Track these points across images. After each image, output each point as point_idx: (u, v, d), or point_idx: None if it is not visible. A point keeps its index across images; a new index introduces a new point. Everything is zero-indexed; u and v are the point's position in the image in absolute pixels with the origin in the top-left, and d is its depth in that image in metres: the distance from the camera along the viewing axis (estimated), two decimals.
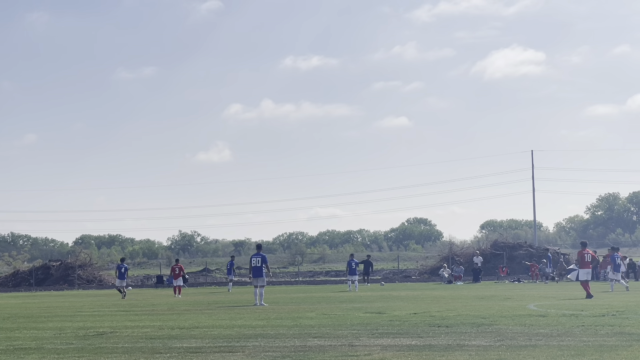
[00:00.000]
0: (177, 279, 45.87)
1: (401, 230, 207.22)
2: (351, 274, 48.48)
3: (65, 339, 17.99)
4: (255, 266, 31.70)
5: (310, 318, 22.89)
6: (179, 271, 46.28)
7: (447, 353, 13.80)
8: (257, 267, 31.64)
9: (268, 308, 28.84)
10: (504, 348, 14.34)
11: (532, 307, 25.71)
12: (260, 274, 31.52)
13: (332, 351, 14.47)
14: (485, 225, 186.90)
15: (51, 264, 77.59)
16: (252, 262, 31.92)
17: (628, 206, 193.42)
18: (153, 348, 15.66)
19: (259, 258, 31.82)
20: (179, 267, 46.70)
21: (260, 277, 31.47)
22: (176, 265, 47.49)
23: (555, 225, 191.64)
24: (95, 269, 77.66)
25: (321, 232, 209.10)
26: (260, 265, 31.66)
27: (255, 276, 31.58)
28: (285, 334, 18.08)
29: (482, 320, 20.62)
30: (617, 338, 15.63)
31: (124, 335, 18.75)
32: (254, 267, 31.74)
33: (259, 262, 31.73)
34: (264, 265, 31.78)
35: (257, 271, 31.60)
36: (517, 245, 75.78)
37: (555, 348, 14.15)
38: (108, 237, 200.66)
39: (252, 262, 31.94)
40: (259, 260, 31.74)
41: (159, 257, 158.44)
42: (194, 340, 17.10)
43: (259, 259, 31.79)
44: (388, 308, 26.84)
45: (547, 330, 17.38)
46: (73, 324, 22.70)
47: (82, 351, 15.41)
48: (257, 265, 31.68)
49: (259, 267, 31.66)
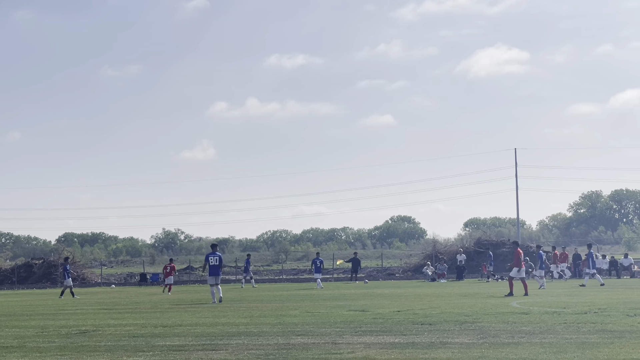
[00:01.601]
0: (168, 277, 47.60)
1: (385, 228, 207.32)
2: (317, 272, 49.40)
3: (48, 338, 17.93)
4: (213, 265, 32.38)
5: (294, 316, 22.89)
6: (171, 270, 48.07)
7: (430, 351, 13.83)
8: (216, 266, 32.39)
9: (251, 305, 28.84)
10: (487, 345, 14.38)
11: (514, 305, 25.79)
12: (218, 272, 32.45)
13: (316, 349, 14.48)
14: (469, 223, 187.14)
15: (34, 262, 77.22)
16: (210, 261, 32.53)
17: (610, 204, 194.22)
18: (136, 346, 15.63)
19: (216, 257, 32.55)
20: (171, 267, 48.53)
21: (218, 275, 32.40)
22: (169, 264, 49.32)
23: (539, 223, 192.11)
24: (78, 267, 77.22)
25: (305, 230, 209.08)
26: (218, 265, 32.47)
27: (214, 274, 32.32)
28: (268, 331, 18.08)
29: (465, 317, 20.67)
30: (599, 335, 15.70)
31: (107, 333, 18.70)
32: (212, 265, 32.38)
33: (217, 261, 32.45)
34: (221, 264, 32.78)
35: (215, 270, 32.35)
36: (501, 243, 75.89)
37: (538, 345, 14.20)
38: (91, 235, 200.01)
39: (210, 261, 32.55)
40: (217, 260, 32.47)
41: (142, 255, 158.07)
42: (177, 338, 17.08)
43: (217, 258, 32.53)
44: (372, 306, 26.87)
45: (530, 328, 17.44)
46: (55, 322, 22.63)
47: (64, 349, 15.36)
48: (216, 264, 32.41)
49: (217, 265, 32.41)
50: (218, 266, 32.46)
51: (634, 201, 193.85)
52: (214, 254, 32.79)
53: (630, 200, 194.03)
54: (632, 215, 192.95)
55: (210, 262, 32.50)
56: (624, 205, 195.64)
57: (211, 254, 32.84)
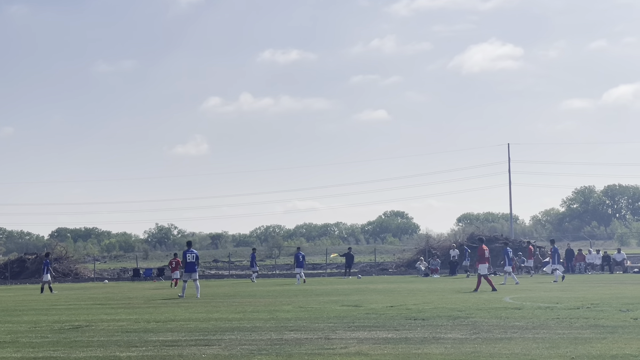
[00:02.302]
0: (174, 272, 48.82)
1: (378, 223, 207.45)
2: (298, 267, 49.57)
3: (41, 333, 17.91)
4: (190, 262, 33.34)
5: (287, 311, 22.89)
6: (176, 265, 49.15)
7: (423, 346, 13.84)
8: (192, 263, 33.36)
9: (244, 301, 28.83)
10: (480, 341, 14.40)
11: (507, 300, 25.82)
12: (195, 269, 33.32)
13: (309, 344, 14.48)
14: (462, 218, 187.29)
15: (27, 257, 77.07)
16: (187, 258, 33.42)
17: (603, 199, 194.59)
18: (129, 341, 15.62)
19: (193, 254, 33.46)
20: (176, 261, 49.64)
21: (194, 272, 33.23)
22: (174, 259, 50.51)
23: (532, 218, 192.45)
24: (71, 262, 77.21)
25: (298, 225, 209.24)
26: (194, 261, 33.41)
27: (190, 271, 33.27)
28: (261, 327, 18.07)
29: (458, 313, 20.70)
30: (591, 330, 15.73)
31: (100, 328, 18.68)
32: (189, 262, 33.33)
33: (193, 258, 33.43)
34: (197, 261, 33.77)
35: (191, 266, 33.30)
36: (494, 238, 75.92)
37: (531, 340, 14.22)
38: (84, 230, 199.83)
39: (187, 258, 33.43)
40: (194, 257, 33.44)
41: (135, 250, 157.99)
42: (170, 333, 17.06)
43: (194, 255, 33.47)
44: (365, 301, 26.88)
45: (523, 323, 17.47)
46: (48, 318, 22.60)
47: (57, 345, 15.35)
48: (192, 261, 33.39)
49: (193, 262, 33.38)
50: (194, 263, 33.40)
51: (626, 196, 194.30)
52: (191, 251, 33.63)
53: (623, 196, 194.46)
54: (624, 211, 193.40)
55: (188, 259, 33.44)
56: (617, 201, 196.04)
57: (188, 251, 33.67)
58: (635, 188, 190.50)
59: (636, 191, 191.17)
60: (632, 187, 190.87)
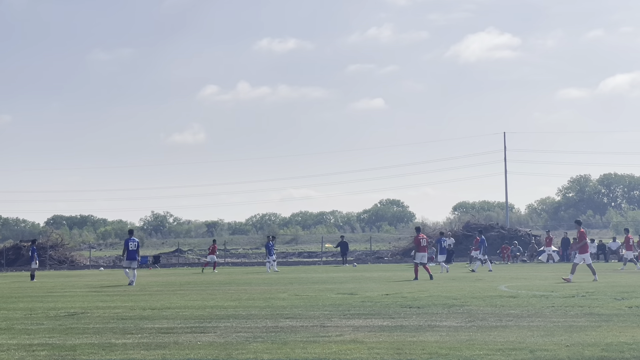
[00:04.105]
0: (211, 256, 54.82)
1: (374, 212, 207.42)
2: (270, 255, 49.97)
3: (36, 320, 17.90)
4: (132, 249, 34.53)
5: (282, 299, 22.91)
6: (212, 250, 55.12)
7: (419, 334, 13.86)
8: (134, 251, 34.60)
9: (240, 289, 28.85)
10: (475, 329, 14.42)
11: (503, 288, 25.86)
12: (136, 257, 34.63)
13: (304, 332, 14.50)
14: (458, 207, 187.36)
15: (22, 244, 77.10)
16: (130, 246, 34.56)
17: (599, 188, 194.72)
18: (124, 328, 15.62)
19: (135, 242, 34.85)
20: (212, 247, 55.25)
21: (135, 259, 34.56)
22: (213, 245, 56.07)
23: (527, 207, 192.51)
24: (67, 249, 77.34)
25: (294, 214, 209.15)
26: (136, 249, 34.72)
27: (132, 259, 34.39)
28: (257, 314, 18.09)
29: (454, 301, 20.72)
30: (586, 319, 15.76)
31: (95, 315, 18.69)
32: (131, 250, 34.49)
33: (135, 246, 34.71)
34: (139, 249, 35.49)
35: (133, 254, 34.51)
36: (489, 227, 76.14)
37: (526, 329, 14.25)
38: (80, 218, 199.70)
39: (130, 245, 34.57)
40: (136, 245, 34.77)
41: None
42: (166, 320, 17.07)
43: (135, 243, 34.82)
44: (360, 289, 26.90)
45: (518, 311, 17.50)
46: (44, 305, 22.60)
47: (52, 332, 15.34)
48: (134, 249, 34.64)
49: (135, 250, 34.66)
50: (136, 251, 34.69)
51: (622, 185, 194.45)
52: (133, 239, 34.93)
53: (618, 185, 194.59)
54: (620, 200, 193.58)
55: (130, 247, 34.55)
56: (613, 190, 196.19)
57: (130, 240, 34.86)
58: (631, 177, 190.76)
59: (632, 180, 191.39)
60: (628, 176, 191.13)
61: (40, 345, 13.42)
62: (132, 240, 34.66)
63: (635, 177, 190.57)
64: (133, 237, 35.20)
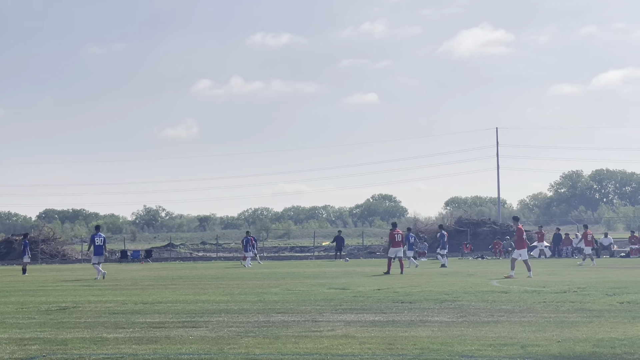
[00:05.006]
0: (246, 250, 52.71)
1: (366, 207, 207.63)
2: (246, 251, 49.88)
3: (28, 314, 17.88)
4: (99, 245, 35.45)
5: (274, 294, 22.90)
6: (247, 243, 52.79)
7: (410, 329, 13.87)
8: (100, 246, 35.50)
9: (232, 283, 28.84)
10: (467, 324, 14.44)
11: (494, 284, 25.89)
12: (102, 252, 35.54)
13: (296, 327, 14.50)
14: (450, 202, 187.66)
15: (14, 238, 76.89)
16: (96, 241, 35.48)
17: (591, 184, 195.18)
18: (116, 323, 15.60)
19: (101, 238, 35.66)
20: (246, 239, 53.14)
21: (102, 254, 35.56)
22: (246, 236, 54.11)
23: (519, 202, 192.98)
24: (58, 243, 77.14)
25: (286, 208, 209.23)
26: (102, 244, 35.55)
27: (98, 254, 35.21)
28: (249, 309, 18.08)
29: (445, 296, 20.74)
30: (577, 314, 15.79)
31: (87, 310, 18.66)
32: (97, 245, 35.39)
33: (101, 242, 35.55)
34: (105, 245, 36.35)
35: (100, 249, 35.39)
36: (481, 222, 76.17)
37: (517, 324, 14.27)
38: (72, 212, 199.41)
39: (96, 241, 35.50)
40: (102, 240, 35.57)
41: (123, 232, 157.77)
42: (157, 315, 17.05)
43: (102, 238, 35.63)
44: (352, 284, 26.91)
45: (509, 307, 17.52)
46: (35, 299, 22.57)
47: (44, 326, 15.32)
48: (101, 244, 35.52)
49: (101, 245, 35.54)
50: (102, 246, 35.55)
51: (614, 181, 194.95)
52: (99, 235, 35.79)
53: (610, 180, 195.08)
54: (612, 195, 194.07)
55: (96, 242, 35.46)
56: (604, 185, 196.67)
57: (96, 235, 35.77)
58: (623, 173, 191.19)
59: (624, 176, 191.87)
60: (620, 171, 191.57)
61: (31, 339, 13.40)
62: (98, 236, 35.47)
63: (627, 173, 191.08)
64: (100, 232, 36.07)
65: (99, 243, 35.35)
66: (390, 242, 36.22)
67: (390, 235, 36.27)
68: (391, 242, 36.00)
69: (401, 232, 37.01)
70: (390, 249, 35.88)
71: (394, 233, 36.04)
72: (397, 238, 35.91)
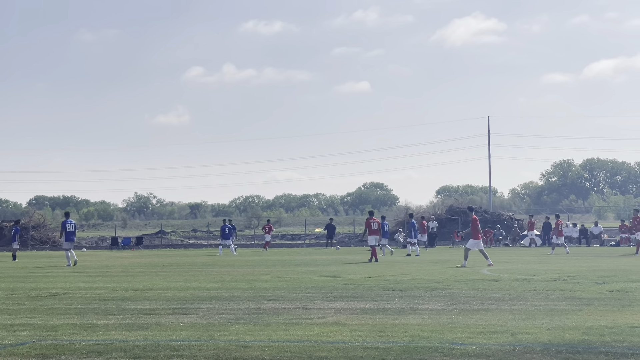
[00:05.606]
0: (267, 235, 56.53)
1: (357, 195, 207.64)
2: (224, 238, 49.99)
3: (18, 300, 17.85)
4: (70, 231, 35.34)
5: (265, 281, 22.92)
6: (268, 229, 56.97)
7: (401, 316, 13.89)
8: (72, 232, 35.46)
9: (223, 270, 28.85)
10: (457, 312, 14.46)
11: (485, 272, 25.94)
12: (73, 238, 35.68)
13: (286, 314, 14.50)
14: (441, 191, 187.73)
15: (4, 224, 76.74)
16: (67, 228, 35.35)
17: (582, 173, 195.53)
18: (106, 309, 15.59)
19: (72, 224, 35.77)
20: (268, 227, 57.05)
21: (73, 241, 35.67)
22: (267, 224, 57.99)
23: (510, 191, 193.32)
24: (49, 230, 77.02)
25: (278, 196, 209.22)
26: (73, 231, 35.58)
27: (69, 240, 35.21)
28: (239, 296, 18.09)
29: (436, 284, 20.78)
30: (567, 302, 15.83)
31: (77, 296, 18.65)
32: (68, 232, 35.27)
33: (73, 228, 35.57)
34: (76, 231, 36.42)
35: (71, 235, 35.38)
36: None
37: (507, 312, 14.30)
38: (62, 198, 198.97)
39: (67, 227, 35.37)
40: (73, 226, 35.63)
41: (114, 219, 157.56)
42: (148, 302, 17.05)
43: (73, 225, 35.72)
44: (343, 272, 26.94)
45: (500, 295, 17.56)
46: (25, 285, 22.54)
47: (34, 312, 15.30)
48: (72, 230, 35.49)
49: (72, 232, 35.53)
50: (73, 232, 35.60)
51: (605, 170, 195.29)
52: (69, 221, 35.85)
53: (601, 170, 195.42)
54: (602, 184, 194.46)
55: (67, 229, 35.31)
56: (595, 175, 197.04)
57: (67, 221, 35.76)
58: (614, 162, 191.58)
59: (614, 165, 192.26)
60: (611, 161, 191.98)
61: (21, 325, 13.37)
62: (69, 222, 35.52)
63: (617, 162, 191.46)
64: (70, 219, 36.12)
65: (71, 229, 35.29)
66: (366, 230, 36.80)
67: (367, 224, 36.81)
68: (368, 230, 36.49)
69: (377, 220, 37.58)
70: (370, 237, 36.24)
71: (370, 221, 36.61)
72: (374, 226, 36.40)
